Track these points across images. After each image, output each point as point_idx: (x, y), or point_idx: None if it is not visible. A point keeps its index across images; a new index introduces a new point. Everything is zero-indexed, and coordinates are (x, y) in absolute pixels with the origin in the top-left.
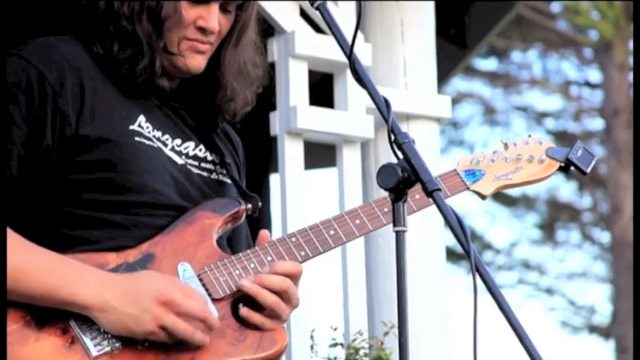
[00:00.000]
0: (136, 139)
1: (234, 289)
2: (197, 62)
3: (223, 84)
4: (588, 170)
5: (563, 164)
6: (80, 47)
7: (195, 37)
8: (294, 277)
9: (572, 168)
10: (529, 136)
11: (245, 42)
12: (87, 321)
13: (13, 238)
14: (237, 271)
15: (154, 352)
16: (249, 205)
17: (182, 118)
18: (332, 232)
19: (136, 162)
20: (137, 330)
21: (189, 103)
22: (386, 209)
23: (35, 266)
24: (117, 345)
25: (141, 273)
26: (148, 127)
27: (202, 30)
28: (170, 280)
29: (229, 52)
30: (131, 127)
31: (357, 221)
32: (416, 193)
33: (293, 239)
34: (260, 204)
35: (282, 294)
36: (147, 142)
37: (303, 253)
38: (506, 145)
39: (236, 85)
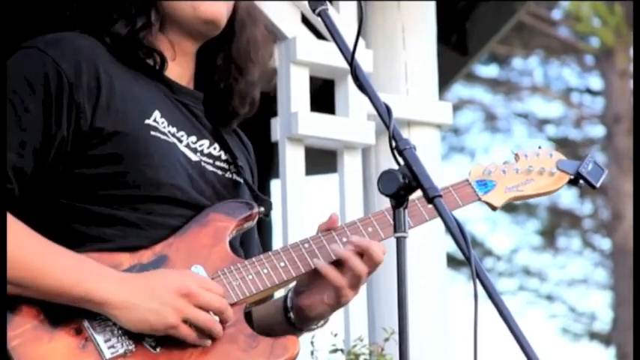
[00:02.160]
0: (152, 133)
1: (247, 294)
2: (217, 7)
3: (235, 47)
4: (598, 184)
5: (573, 177)
6: (95, 41)
7: None
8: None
9: (581, 181)
10: (539, 147)
11: (256, 46)
12: (100, 322)
13: (31, 235)
14: (250, 276)
15: (166, 356)
16: (262, 209)
17: (197, 116)
18: (345, 240)
19: (151, 156)
20: (159, 325)
21: (204, 102)
22: None
23: (53, 263)
24: (130, 347)
25: (155, 271)
26: (163, 123)
27: None
28: (186, 274)
29: (243, 55)
30: (147, 122)
31: (370, 229)
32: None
33: (306, 245)
34: (272, 207)
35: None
36: (162, 136)
37: (315, 260)
38: (517, 156)
39: (250, 57)
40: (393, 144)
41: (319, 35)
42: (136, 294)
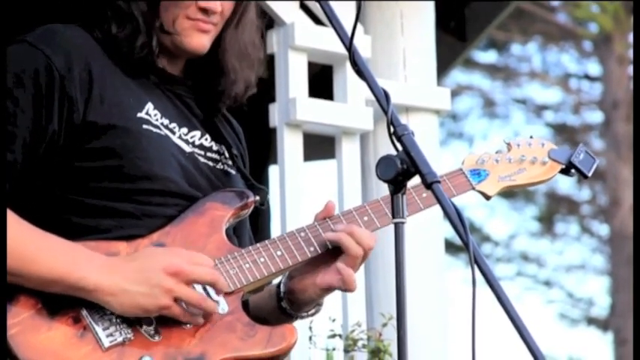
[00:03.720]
0: (144, 126)
1: (245, 283)
2: (201, 42)
3: (225, 65)
4: (590, 174)
5: (564, 166)
6: (86, 34)
7: (198, 17)
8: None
9: (573, 170)
10: (531, 137)
11: (246, 22)
12: (99, 310)
13: (21, 224)
14: (247, 265)
15: (165, 343)
16: (258, 198)
17: (188, 106)
18: (341, 228)
19: (145, 149)
20: (151, 307)
21: (195, 92)
22: None
23: (44, 251)
24: (129, 336)
25: (142, 251)
26: (155, 115)
27: (204, 10)
28: (173, 251)
29: (230, 33)
30: (139, 115)
31: (366, 218)
32: (423, 191)
33: (302, 234)
34: (268, 196)
35: (366, 251)
36: (154, 129)
37: (312, 249)
38: (509, 146)
39: (237, 66)
40: (392, 130)
41: (317, 21)
42: (126, 279)
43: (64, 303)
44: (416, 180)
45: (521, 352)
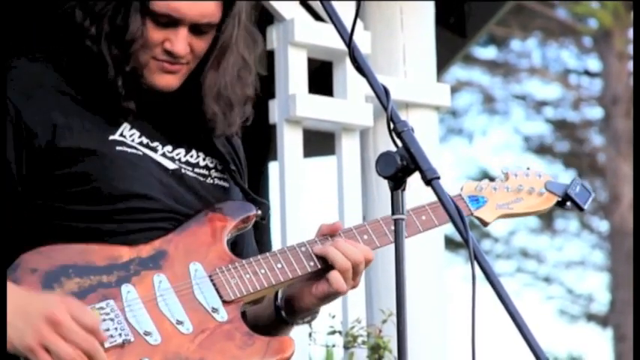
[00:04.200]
0: (118, 148)
1: (245, 293)
2: (166, 81)
3: (205, 109)
4: (585, 207)
5: (561, 199)
6: (49, 67)
7: (164, 59)
8: (366, 262)
9: (569, 203)
10: (528, 168)
11: (227, 64)
12: (100, 313)
13: None
14: (247, 275)
15: (163, 347)
16: (259, 212)
17: (175, 123)
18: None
19: (120, 170)
20: (18, 344)
21: (180, 111)
22: (393, 227)
23: None
24: (129, 338)
25: (47, 293)
26: (132, 135)
27: (170, 53)
28: (67, 301)
29: (209, 75)
30: (112, 138)
31: (365, 237)
32: (422, 214)
33: (303, 249)
34: (269, 210)
35: (354, 266)
36: (130, 150)
37: (312, 263)
38: (506, 175)
39: (216, 109)
40: (391, 126)
41: (317, 17)
42: (11, 311)
43: None
44: (415, 200)
45: (521, 349)
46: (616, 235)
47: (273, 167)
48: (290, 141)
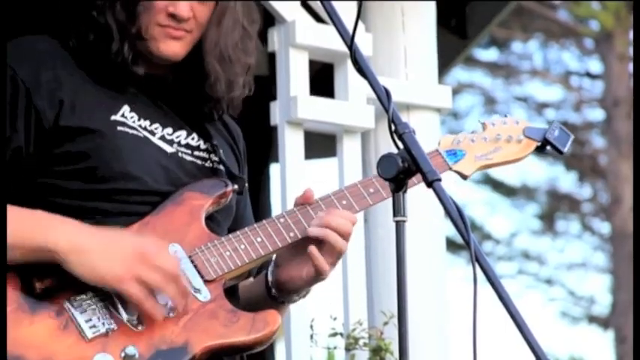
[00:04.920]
0: (119, 128)
1: (226, 270)
2: (172, 48)
3: (206, 68)
4: (565, 149)
5: (540, 144)
6: (56, 43)
7: (168, 24)
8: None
9: (548, 147)
10: (505, 115)
11: (227, 25)
12: (82, 302)
13: None
14: (227, 253)
15: (148, 333)
16: (236, 186)
17: (174, 107)
18: (320, 214)
19: (119, 151)
20: (109, 276)
21: (182, 92)
22: (372, 190)
23: (7, 217)
24: (112, 326)
25: (115, 228)
26: (132, 117)
27: (174, 16)
28: (147, 238)
29: (210, 35)
30: (113, 118)
31: (344, 202)
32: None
33: (282, 220)
34: (246, 184)
35: (345, 237)
36: (131, 131)
37: (292, 234)
38: (484, 126)
39: (218, 69)
40: (393, 128)
41: (319, 19)
42: (94, 243)
43: (46, 297)
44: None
45: (523, 351)
46: (617, 237)
47: (274, 169)
48: (291, 143)
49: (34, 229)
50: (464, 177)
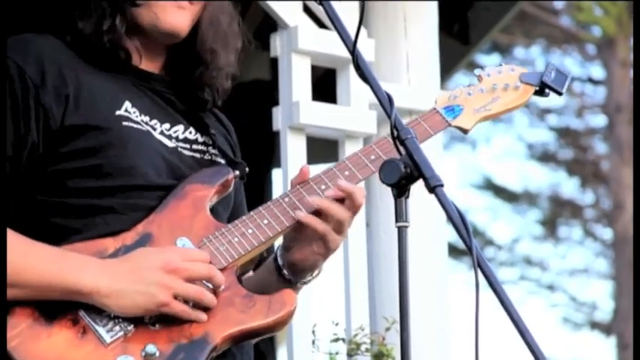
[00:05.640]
0: (124, 123)
1: (236, 257)
2: (178, 20)
3: (203, 50)
4: (563, 90)
5: (538, 88)
6: (58, 41)
7: None
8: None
9: (547, 90)
10: (500, 64)
11: (223, 10)
12: (96, 308)
13: (11, 234)
14: (236, 239)
15: (166, 330)
16: (237, 172)
17: (170, 102)
18: (323, 187)
19: (125, 146)
20: (151, 305)
21: (176, 87)
22: (373, 157)
23: (37, 258)
24: (129, 328)
25: (136, 251)
26: (135, 112)
27: None
28: (168, 250)
29: (207, 19)
30: (118, 113)
31: (347, 172)
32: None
33: (286, 199)
34: (247, 170)
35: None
36: (135, 125)
37: (297, 212)
38: (480, 78)
39: (217, 49)
40: (395, 133)
41: (321, 24)
42: (122, 278)
43: (60, 308)
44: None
45: (525, 356)
46: (620, 242)
47: (276, 174)
48: (293, 148)
49: (65, 271)
50: (465, 131)
